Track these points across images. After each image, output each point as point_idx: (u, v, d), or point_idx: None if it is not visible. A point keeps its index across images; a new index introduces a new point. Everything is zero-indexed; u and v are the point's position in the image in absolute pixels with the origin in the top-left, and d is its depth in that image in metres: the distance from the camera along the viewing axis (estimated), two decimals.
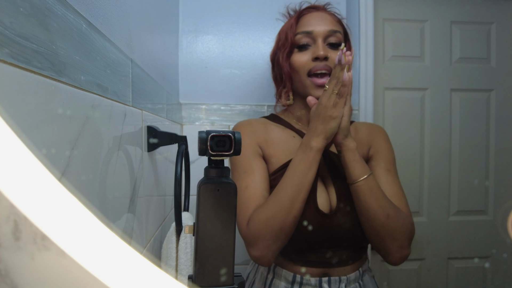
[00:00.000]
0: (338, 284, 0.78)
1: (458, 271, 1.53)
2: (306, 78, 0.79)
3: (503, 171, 1.54)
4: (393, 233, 0.72)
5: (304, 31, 0.79)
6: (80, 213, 0.16)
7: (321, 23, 0.79)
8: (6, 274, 0.15)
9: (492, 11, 1.52)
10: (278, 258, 0.80)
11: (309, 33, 0.79)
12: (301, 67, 0.79)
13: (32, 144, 0.26)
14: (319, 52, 0.77)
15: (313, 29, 0.79)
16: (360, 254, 0.82)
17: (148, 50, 0.78)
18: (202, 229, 0.41)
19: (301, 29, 0.80)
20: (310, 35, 0.79)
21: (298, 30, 0.81)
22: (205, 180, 0.42)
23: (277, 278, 0.80)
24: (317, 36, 0.79)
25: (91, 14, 0.43)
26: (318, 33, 0.79)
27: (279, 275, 0.80)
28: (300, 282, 0.78)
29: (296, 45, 0.80)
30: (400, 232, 0.73)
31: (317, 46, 0.78)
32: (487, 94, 1.54)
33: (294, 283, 0.78)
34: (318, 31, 0.79)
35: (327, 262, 0.78)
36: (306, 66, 0.79)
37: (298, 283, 0.78)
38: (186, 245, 0.76)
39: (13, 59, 0.26)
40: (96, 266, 0.15)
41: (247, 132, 0.83)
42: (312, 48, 0.79)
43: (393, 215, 0.72)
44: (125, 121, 0.56)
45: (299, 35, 0.80)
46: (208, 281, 0.42)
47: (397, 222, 0.72)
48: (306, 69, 0.79)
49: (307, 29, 0.79)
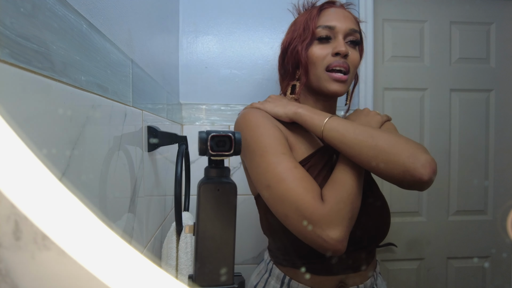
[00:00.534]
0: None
1: (457, 270, 1.53)
2: (323, 72, 0.77)
3: (503, 171, 1.55)
4: (391, 147, 0.64)
5: (327, 25, 0.77)
6: (80, 213, 0.16)
7: (343, 19, 0.78)
8: (6, 273, 0.15)
9: (492, 11, 1.52)
10: (289, 270, 0.77)
11: (332, 28, 0.77)
12: (320, 60, 0.77)
13: (33, 144, 0.26)
14: (341, 48, 0.75)
15: (336, 24, 0.77)
16: (371, 257, 0.80)
17: (149, 50, 0.78)
18: (202, 229, 0.41)
19: (323, 22, 0.78)
20: (332, 30, 0.78)
21: (319, 23, 0.78)
22: (205, 180, 0.42)
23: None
24: (339, 32, 0.77)
25: (91, 14, 0.43)
26: (340, 29, 0.77)
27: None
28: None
29: (317, 37, 0.78)
30: (400, 143, 0.64)
31: (338, 42, 0.77)
32: (487, 94, 1.55)
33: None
34: (340, 27, 0.77)
35: (339, 269, 0.74)
36: (325, 60, 0.77)
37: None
38: (186, 244, 0.76)
39: (14, 59, 0.26)
40: (96, 266, 0.15)
41: (263, 115, 0.75)
42: (333, 42, 0.78)
43: (376, 133, 0.66)
44: (126, 121, 0.56)
45: (320, 28, 0.78)
46: (209, 281, 0.42)
47: (387, 137, 0.65)
48: (326, 63, 0.77)
49: (329, 24, 0.77)
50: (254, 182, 0.72)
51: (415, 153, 0.63)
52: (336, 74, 0.76)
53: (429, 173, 0.61)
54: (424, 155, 0.63)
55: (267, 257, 0.86)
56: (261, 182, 0.68)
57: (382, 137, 0.65)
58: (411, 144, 0.65)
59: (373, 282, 0.79)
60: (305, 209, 0.62)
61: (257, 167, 0.69)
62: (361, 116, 0.83)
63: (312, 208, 0.62)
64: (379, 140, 0.65)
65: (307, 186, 0.64)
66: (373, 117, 0.81)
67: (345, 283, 0.75)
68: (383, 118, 0.83)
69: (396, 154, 0.63)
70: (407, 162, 0.62)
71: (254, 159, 0.70)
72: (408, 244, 1.51)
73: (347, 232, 0.63)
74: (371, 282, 0.78)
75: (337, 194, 0.65)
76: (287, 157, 0.68)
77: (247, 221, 1.30)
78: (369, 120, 0.80)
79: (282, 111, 0.75)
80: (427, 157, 0.63)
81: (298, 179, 0.64)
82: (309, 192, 0.63)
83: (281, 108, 0.75)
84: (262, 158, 0.68)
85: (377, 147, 0.64)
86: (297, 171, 0.66)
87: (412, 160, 0.62)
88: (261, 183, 0.68)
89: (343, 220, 0.62)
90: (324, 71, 0.77)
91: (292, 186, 0.63)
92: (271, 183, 0.65)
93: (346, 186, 0.66)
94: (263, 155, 0.68)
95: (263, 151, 0.68)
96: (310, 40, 0.78)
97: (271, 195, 0.66)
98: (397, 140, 0.65)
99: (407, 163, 0.62)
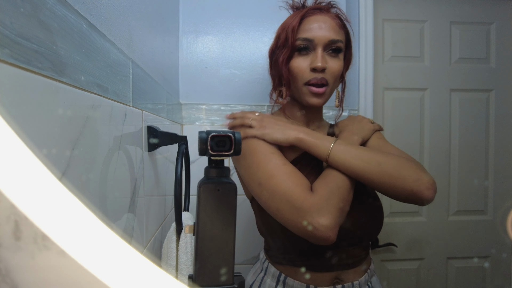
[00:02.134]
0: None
1: (457, 270, 1.53)
2: (303, 86, 0.79)
3: (503, 171, 1.55)
4: (398, 174, 0.68)
5: (305, 37, 0.78)
6: (80, 213, 0.16)
7: (324, 29, 0.77)
8: (6, 274, 0.15)
9: (492, 11, 1.52)
10: (286, 268, 0.79)
11: (310, 41, 0.77)
12: (299, 75, 0.79)
13: (33, 144, 0.26)
14: (317, 63, 0.76)
15: (314, 36, 0.77)
16: (365, 253, 0.82)
17: (148, 50, 0.78)
18: (202, 229, 0.41)
19: (302, 34, 0.78)
20: (311, 42, 0.77)
21: (299, 34, 0.78)
22: (205, 180, 0.42)
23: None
24: (318, 44, 0.77)
25: (91, 14, 0.43)
26: (319, 40, 0.77)
27: (290, 286, 0.78)
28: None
29: (296, 49, 0.79)
30: (404, 168, 0.69)
31: (316, 55, 0.77)
32: (487, 94, 1.55)
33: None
34: (319, 39, 0.77)
35: (335, 265, 0.76)
36: (304, 76, 0.78)
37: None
38: (186, 244, 0.76)
39: (14, 59, 0.26)
40: (96, 266, 0.15)
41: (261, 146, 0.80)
42: (312, 55, 0.78)
43: (383, 159, 0.70)
44: (126, 121, 0.56)
45: (300, 40, 0.78)
46: (208, 281, 0.42)
47: (392, 162, 0.69)
48: (304, 79, 0.78)
49: (308, 36, 0.77)
50: (247, 183, 0.75)
51: (419, 177, 0.68)
52: (314, 88, 0.78)
53: (432, 194, 0.68)
54: (427, 177, 0.69)
55: (262, 256, 0.88)
56: (253, 181, 0.71)
57: (388, 163, 0.69)
58: (414, 167, 0.70)
59: (367, 279, 0.80)
60: (295, 200, 0.65)
61: (249, 167, 0.73)
62: (354, 123, 0.85)
63: (302, 199, 0.65)
64: (385, 166, 0.68)
65: (296, 180, 0.68)
66: (365, 124, 0.85)
67: (340, 279, 0.77)
68: (375, 127, 0.86)
69: (403, 179, 0.68)
70: (414, 186, 0.68)
71: (245, 160, 0.74)
72: (408, 244, 1.51)
73: (337, 221, 0.65)
74: (366, 279, 0.80)
75: (327, 186, 0.68)
76: (276, 155, 0.72)
77: (247, 221, 1.30)
78: (362, 127, 0.83)
79: (282, 138, 0.74)
80: (429, 179, 0.69)
81: (287, 174, 0.68)
82: (298, 185, 0.67)
83: (280, 135, 0.74)
84: (252, 159, 0.72)
85: (384, 173, 0.68)
86: (286, 167, 0.70)
87: (418, 184, 0.68)
88: (253, 182, 0.72)
89: (333, 208, 0.65)
90: (303, 85, 0.79)
91: (281, 181, 0.67)
92: (262, 180, 0.69)
93: (337, 180, 0.69)
94: (253, 155, 0.72)
95: (253, 152, 0.73)
96: (290, 52, 0.79)
97: (263, 192, 0.69)
98: (402, 165, 0.69)
99: (413, 187, 0.68)
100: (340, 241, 0.74)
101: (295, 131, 0.74)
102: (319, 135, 0.74)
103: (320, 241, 0.65)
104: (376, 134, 0.85)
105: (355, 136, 0.80)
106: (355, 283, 0.77)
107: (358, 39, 1.40)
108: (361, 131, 0.82)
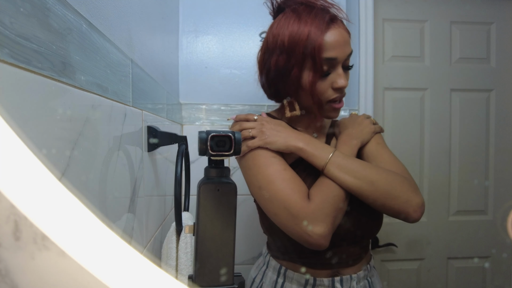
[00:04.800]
0: (350, 283, 0.78)
1: (458, 271, 1.53)
2: (325, 103, 0.77)
3: (503, 171, 1.55)
4: (389, 194, 0.71)
5: (329, 57, 0.71)
6: (80, 213, 0.16)
7: (343, 45, 0.72)
8: (6, 274, 0.15)
9: (492, 11, 1.52)
10: (287, 263, 0.81)
11: (333, 59, 0.72)
12: (322, 95, 0.75)
13: (33, 144, 0.26)
14: (342, 84, 0.73)
15: (337, 55, 0.72)
16: (365, 251, 0.83)
17: (148, 50, 0.78)
18: (202, 229, 0.41)
19: (325, 53, 0.71)
20: (333, 61, 0.72)
21: (324, 54, 0.71)
22: (205, 180, 0.42)
23: (288, 281, 0.80)
24: (339, 63, 0.74)
25: (91, 14, 0.43)
26: (340, 59, 0.73)
27: (290, 278, 0.80)
28: (313, 284, 0.78)
29: (325, 74, 0.73)
30: (396, 189, 0.71)
31: (337, 75, 0.73)
32: (487, 94, 1.55)
33: (307, 285, 0.78)
34: (341, 57, 0.72)
35: (335, 264, 0.78)
36: (326, 95, 0.75)
37: (311, 285, 0.78)
38: (186, 245, 0.76)
39: (13, 59, 0.26)
40: (96, 266, 0.15)
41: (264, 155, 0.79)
42: (332, 74, 0.74)
43: (376, 177, 0.71)
44: (125, 121, 0.56)
45: (324, 61, 0.72)
46: (208, 281, 0.42)
47: (385, 182, 0.71)
48: (327, 98, 0.76)
49: (332, 55, 0.71)
50: (247, 184, 0.77)
51: (409, 198, 0.72)
52: (337, 105, 0.78)
53: (419, 215, 0.73)
54: (416, 198, 0.73)
55: (265, 250, 0.91)
56: (253, 184, 0.74)
57: (381, 182, 0.71)
58: (406, 187, 0.73)
59: (366, 274, 0.82)
60: (292, 208, 0.68)
61: (249, 169, 0.75)
62: (354, 125, 0.85)
63: (299, 207, 0.68)
64: (378, 185, 0.71)
65: (295, 187, 0.70)
66: (365, 127, 0.85)
67: (339, 272, 0.79)
68: (375, 129, 0.86)
69: (393, 199, 0.71)
70: (403, 207, 0.72)
71: (246, 162, 0.76)
72: (408, 244, 1.51)
73: (330, 229, 0.68)
74: (365, 273, 0.81)
75: (323, 194, 0.70)
76: (276, 159, 0.73)
77: (247, 221, 1.30)
78: (362, 129, 0.84)
79: (284, 145, 0.74)
80: (418, 201, 0.73)
81: (286, 181, 0.70)
82: (296, 193, 0.69)
83: (282, 144, 0.74)
84: (254, 161, 0.74)
85: (376, 191, 0.71)
86: (286, 173, 0.71)
87: (406, 206, 0.72)
88: (253, 185, 0.74)
89: (327, 217, 0.68)
90: (327, 102, 0.77)
91: (280, 187, 0.69)
92: (262, 184, 0.71)
93: (332, 187, 0.71)
94: (255, 157, 0.74)
95: (254, 154, 0.74)
96: (314, 73, 0.73)
97: (262, 196, 0.71)
98: (394, 184, 0.72)
99: (402, 208, 0.72)
100: (340, 241, 0.75)
101: (295, 139, 0.74)
102: (318, 145, 0.74)
103: (313, 247, 0.68)
104: (375, 137, 0.85)
105: (354, 140, 0.80)
106: (354, 276, 0.79)
107: (358, 39, 1.40)
108: (360, 134, 0.82)
